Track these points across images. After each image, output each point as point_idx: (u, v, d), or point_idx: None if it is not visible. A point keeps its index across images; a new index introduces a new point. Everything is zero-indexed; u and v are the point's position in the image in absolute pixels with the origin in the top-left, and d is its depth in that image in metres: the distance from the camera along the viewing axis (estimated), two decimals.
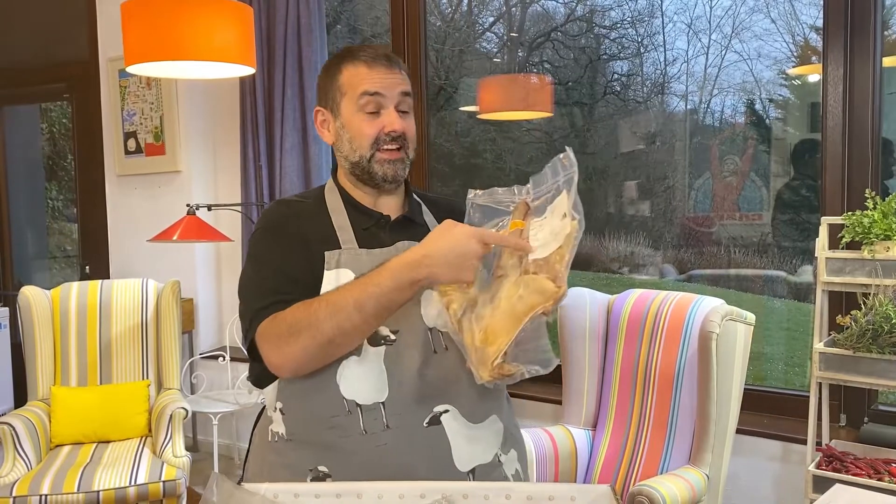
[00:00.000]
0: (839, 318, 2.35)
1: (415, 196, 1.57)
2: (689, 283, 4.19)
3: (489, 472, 1.40)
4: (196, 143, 4.09)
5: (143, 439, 3.20)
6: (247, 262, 1.49)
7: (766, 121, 4.02)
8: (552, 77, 4.51)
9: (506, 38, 5.03)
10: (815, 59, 3.63)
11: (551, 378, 2.78)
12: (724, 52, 4.00)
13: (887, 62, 2.62)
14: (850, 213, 2.34)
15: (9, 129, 4.96)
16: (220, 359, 3.78)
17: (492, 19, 5.09)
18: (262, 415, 1.51)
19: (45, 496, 2.73)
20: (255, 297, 1.41)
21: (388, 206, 1.50)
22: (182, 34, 2.47)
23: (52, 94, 4.89)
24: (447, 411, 1.37)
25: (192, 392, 4.00)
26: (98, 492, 2.78)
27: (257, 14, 3.68)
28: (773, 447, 2.72)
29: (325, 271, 1.39)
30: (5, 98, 4.87)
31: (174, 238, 3.24)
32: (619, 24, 4.46)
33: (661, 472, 2.39)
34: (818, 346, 2.34)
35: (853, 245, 2.33)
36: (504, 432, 1.45)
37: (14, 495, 2.73)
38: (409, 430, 1.35)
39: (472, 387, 1.35)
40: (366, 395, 1.35)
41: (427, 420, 1.35)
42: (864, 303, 2.28)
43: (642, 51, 4.40)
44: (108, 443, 3.17)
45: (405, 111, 1.45)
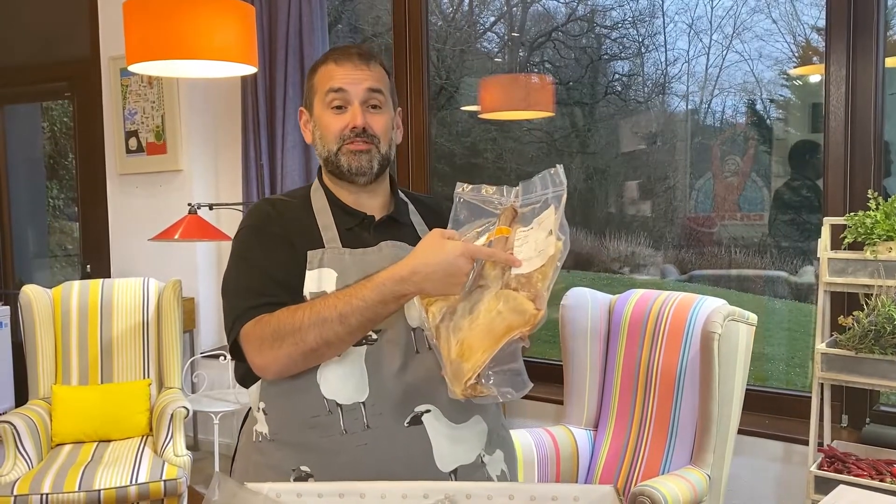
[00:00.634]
0: (841, 319, 2.35)
1: (402, 195, 1.57)
2: (690, 283, 4.18)
3: (471, 472, 1.39)
4: (197, 142, 4.09)
5: (144, 438, 3.19)
6: (231, 260, 1.48)
7: (767, 121, 4.02)
8: (553, 77, 4.51)
9: (507, 37, 5.03)
10: (816, 59, 3.63)
11: (553, 378, 2.80)
12: (725, 53, 4.00)
13: (890, 63, 2.62)
14: (852, 214, 2.34)
15: (10, 127, 4.96)
16: (221, 358, 3.78)
17: (493, 19, 5.09)
18: (248, 415, 1.51)
19: (46, 495, 2.73)
20: (239, 297, 1.41)
21: (373, 205, 1.50)
22: (184, 33, 2.46)
23: (53, 93, 4.89)
24: (429, 411, 1.36)
25: (193, 391, 3.99)
26: (99, 491, 2.78)
27: (259, 13, 3.68)
28: (774, 448, 2.72)
29: (308, 271, 1.39)
30: (6, 97, 4.87)
31: (175, 237, 3.24)
32: (620, 24, 4.46)
33: (663, 473, 2.39)
34: (820, 346, 2.34)
35: (855, 246, 2.33)
36: (489, 433, 1.44)
37: (15, 494, 2.73)
38: (389, 430, 1.35)
39: None
40: (346, 395, 1.35)
41: (408, 420, 1.35)
42: (867, 303, 2.28)
43: (643, 51, 4.40)
44: (109, 442, 3.17)
45: (375, 106, 1.45)
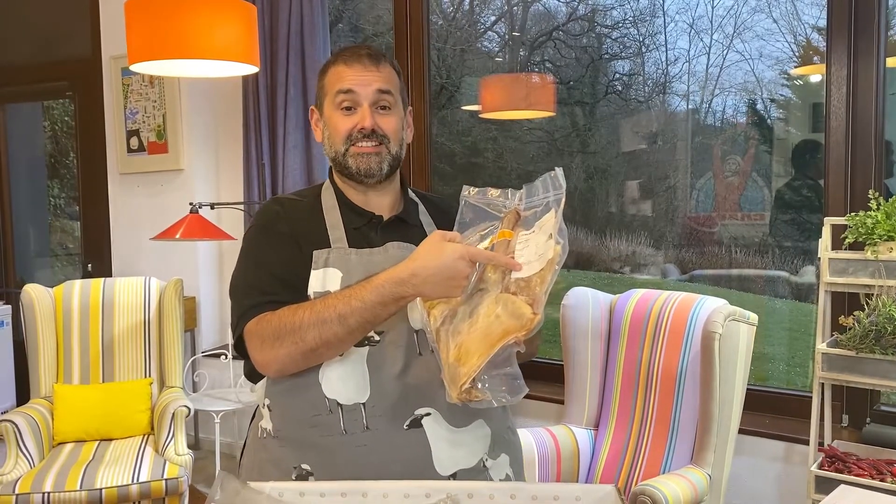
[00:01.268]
0: (842, 319, 2.35)
1: (412, 195, 1.57)
2: (690, 283, 4.19)
3: (472, 477, 1.39)
4: (199, 141, 4.09)
5: (146, 437, 3.20)
6: (239, 258, 1.50)
7: (768, 121, 4.02)
8: (554, 76, 4.51)
9: (507, 37, 5.03)
10: (816, 59, 3.63)
11: (554, 377, 2.80)
12: (725, 52, 4.00)
13: (891, 62, 2.62)
14: (853, 214, 2.35)
15: (11, 126, 4.97)
16: (223, 357, 3.78)
17: (493, 18, 5.09)
18: (256, 411, 1.52)
19: (48, 494, 2.74)
20: (244, 295, 1.43)
21: (382, 205, 1.50)
22: (185, 32, 2.47)
23: (54, 92, 4.89)
24: (429, 414, 1.36)
25: (195, 390, 4.00)
26: (100, 490, 2.79)
27: (260, 12, 3.68)
28: (775, 447, 2.72)
29: (313, 270, 1.39)
30: (8, 96, 4.87)
31: (177, 236, 3.24)
32: (620, 24, 4.46)
33: (664, 472, 2.39)
34: (821, 346, 2.34)
35: (856, 246, 2.34)
36: (492, 436, 1.44)
37: (17, 493, 2.73)
38: (388, 432, 1.35)
39: None
40: (347, 396, 1.36)
41: (408, 422, 1.35)
42: (867, 303, 2.28)
43: (644, 50, 4.40)
44: (110, 441, 3.17)
45: (384, 107, 1.46)
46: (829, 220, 2.44)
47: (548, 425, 2.67)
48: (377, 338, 1.36)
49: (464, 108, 4.90)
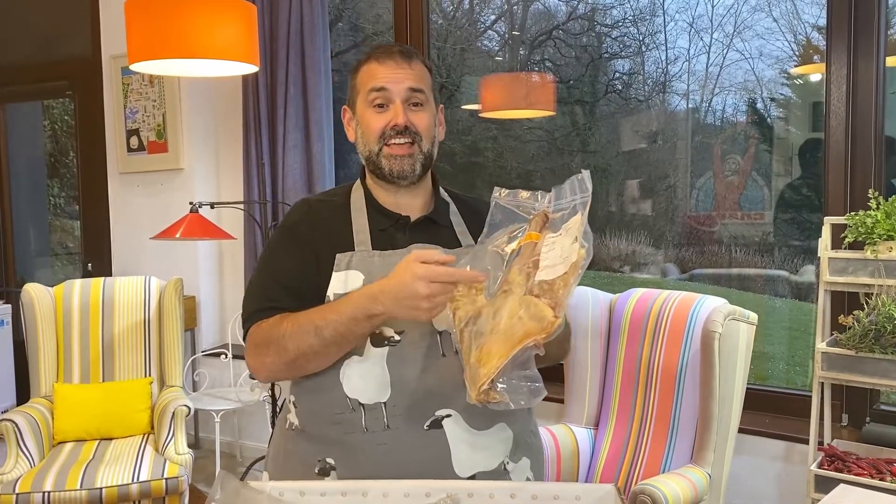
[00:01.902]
0: (841, 318, 2.35)
1: (444, 195, 1.55)
2: (690, 282, 4.19)
3: (492, 479, 1.38)
4: (199, 140, 4.09)
5: (146, 436, 3.20)
6: (259, 258, 1.54)
7: (768, 120, 4.02)
8: (554, 75, 4.50)
9: (507, 36, 5.03)
10: (816, 58, 3.63)
11: (554, 377, 2.79)
12: (725, 51, 4.00)
13: (891, 62, 2.62)
14: (853, 213, 2.35)
15: (11, 126, 4.97)
16: (223, 356, 3.78)
17: (493, 17, 5.09)
18: (284, 403, 1.55)
19: (48, 493, 2.74)
20: (252, 299, 1.45)
21: (412, 205, 1.49)
22: (185, 32, 2.47)
23: (54, 92, 4.89)
24: (449, 416, 1.36)
25: (195, 389, 4.00)
26: (101, 489, 2.79)
27: (260, 12, 3.68)
28: (775, 447, 2.72)
29: (335, 272, 1.40)
30: (8, 95, 4.87)
31: (177, 236, 3.24)
32: (620, 23, 4.46)
33: (663, 471, 2.39)
34: (820, 346, 2.35)
35: (856, 245, 2.34)
36: (514, 440, 1.43)
37: (17, 492, 2.74)
38: (408, 431, 1.35)
39: None
40: (368, 395, 1.36)
41: (428, 423, 1.36)
42: (867, 303, 2.28)
43: (644, 49, 4.40)
44: (110, 440, 3.17)
45: (417, 104, 1.45)
46: (828, 220, 2.44)
47: (547, 424, 2.67)
48: (397, 338, 1.36)
49: (464, 107, 4.90)
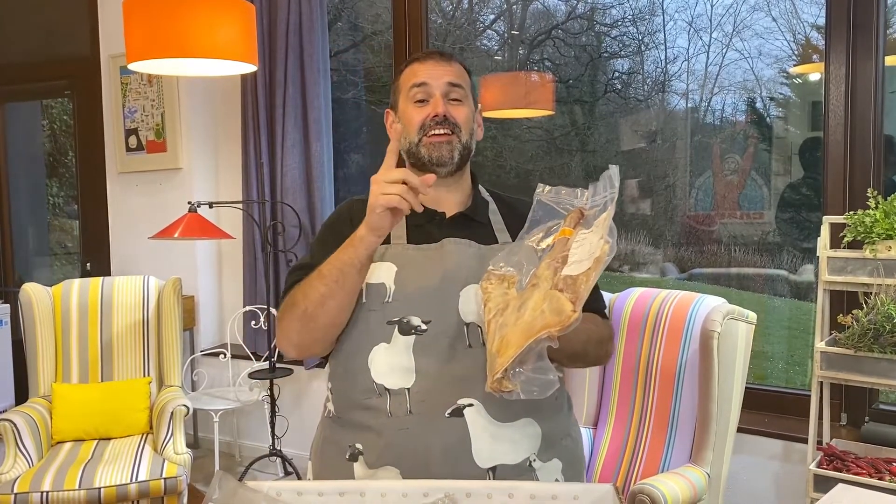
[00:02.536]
0: (840, 318, 2.35)
1: (484, 194, 1.60)
2: (689, 281, 4.18)
3: (516, 475, 1.40)
4: (197, 140, 4.09)
5: (145, 436, 3.20)
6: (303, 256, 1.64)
7: (767, 119, 4.02)
8: (553, 75, 4.50)
9: (507, 35, 5.03)
10: (816, 57, 3.63)
11: None
12: (724, 51, 3.99)
13: (889, 61, 2.62)
14: (851, 213, 2.35)
15: (10, 125, 4.96)
16: (221, 356, 3.78)
17: (493, 17, 5.09)
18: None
19: (47, 493, 2.74)
20: (287, 286, 1.53)
21: (449, 201, 1.54)
22: (184, 31, 2.47)
23: (53, 91, 4.89)
24: (472, 405, 1.38)
25: (193, 389, 4.00)
26: (99, 489, 2.79)
27: (259, 11, 3.68)
28: (774, 446, 2.72)
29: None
30: (7, 94, 4.87)
31: (175, 235, 3.24)
32: (619, 22, 4.45)
33: (662, 471, 2.39)
34: (819, 345, 2.35)
35: (855, 244, 2.34)
36: (544, 437, 1.44)
37: (15, 492, 2.73)
38: (430, 417, 1.38)
39: None
40: (393, 380, 1.40)
41: (450, 411, 1.38)
42: (866, 302, 2.28)
43: (643, 49, 4.40)
44: (109, 440, 3.17)
45: (456, 99, 1.51)
46: (827, 219, 2.44)
47: None
48: (423, 327, 1.40)
49: None
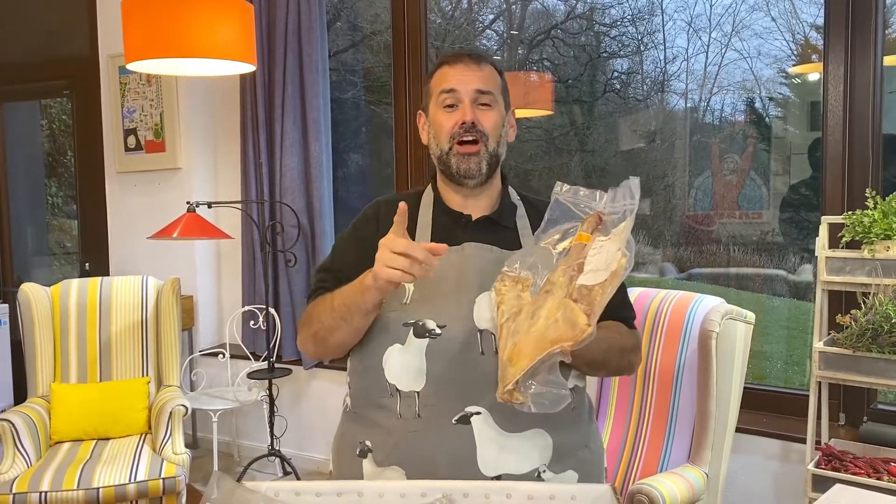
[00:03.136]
0: (839, 318, 2.35)
1: (513, 198, 1.60)
2: (688, 281, 4.18)
3: None
4: (196, 140, 4.09)
5: (143, 436, 3.20)
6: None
7: (766, 119, 4.02)
8: (552, 75, 4.50)
9: (506, 35, 5.02)
10: (815, 57, 3.63)
11: None
12: (724, 51, 3.99)
13: (888, 61, 2.62)
14: (850, 213, 2.35)
15: (9, 125, 4.96)
16: (220, 356, 3.78)
17: (492, 17, 5.08)
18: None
19: (45, 493, 2.73)
20: (312, 285, 1.59)
21: (477, 205, 1.55)
22: (182, 31, 2.47)
23: (52, 91, 4.88)
24: (479, 413, 1.38)
25: (192, 389, 4.00)
26: (98, 489, 2.78)
27: (258, 11, 3.68)
28: (772, 446, 2.72)
29: None
30: (6, 94, 4.87)
31: (174, 235, 3.24)
32: (619, 22, 4.45)
33: (661, 471, 2.39)
34: (818, 345, 2.35)
35: (853, 244, 2.34)
36: (556, 448, 1.43)
37: (14, 492, 2.73)
38: (437, 422, 1.39)
39: None
40: (405, 383, 1.42)
41: (456, 418, 1.38)
42: (864, 302, 2.28)
43: (642, 49, 4.39)
44: (107, 440, 3.17)
45: (485, 104, 1.51)
46: (826, 219, 2.44)
47: None
48: (438, 331, 1.41)
49: None
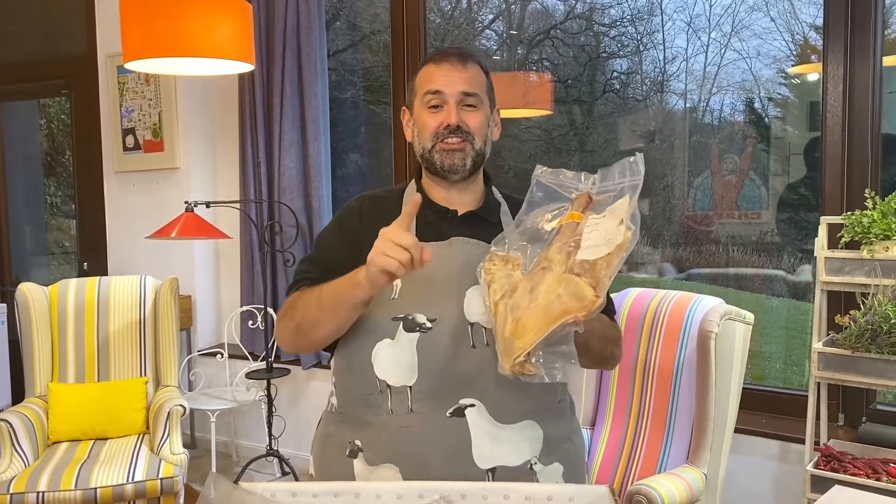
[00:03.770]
0: (838, 318, 2.34)
1: (497, 195, 1.60)
2: (688, 281, 4.18)
3: (516, 477, 1.39)
4: (195, 139, 4.08)
5: (141, 436, 3.19)
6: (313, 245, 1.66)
7: (766, 119, 4.02)
8: (552, 75, 4.50)
9: (505, 35, 5.02)
10: (814, 57, 3.62)
11: None
12: (723, 51, 3.99)
13: (887, 61, 2.62)
14: (849, 213, 2.34)
15: (7, 124, 4.95)
16: (219, 356, 3.78)
17: (491, 17, 5.08)
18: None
19: (43, 493, 2.73)
20: (294, 276, 1.57)
21: (462, 201, 1.55)
22: (181, 31, 2.46)
23: (50, 90, 4.88)
24: (473, 405, 1.38)
25: (190, 389, 3.99)
26: (95, 489, 2.78)
27: (256, 10, 3.68)
28: (771, 446, 2.72)
29: None
30: (4, 93, 4.86)
31: (172, 235, 3.23)
32: (618, 22, 4.45)
33: (659, 472, 2.39)
34: (817, 345, 2.34)
35: (852, 245, 2.33)
36: (546, 441, 1.44)
37: (11, 492, 2.73)
38: (431, 416, 1.38)
39: (506, 387, 1.37)
40: (396, 378, 1.41)
41: (451, 410, 1.38)
42: (863, 303, 2.28)
43: (642, 49, 4.39)
44: (105, 440, 3.17)
45: (470, 105, 1.51)
46: (825, 220, 2.43)
47: None
48: (428, 325, 1.40)
49: None
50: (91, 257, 4.46)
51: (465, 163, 1.50)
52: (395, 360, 1.41)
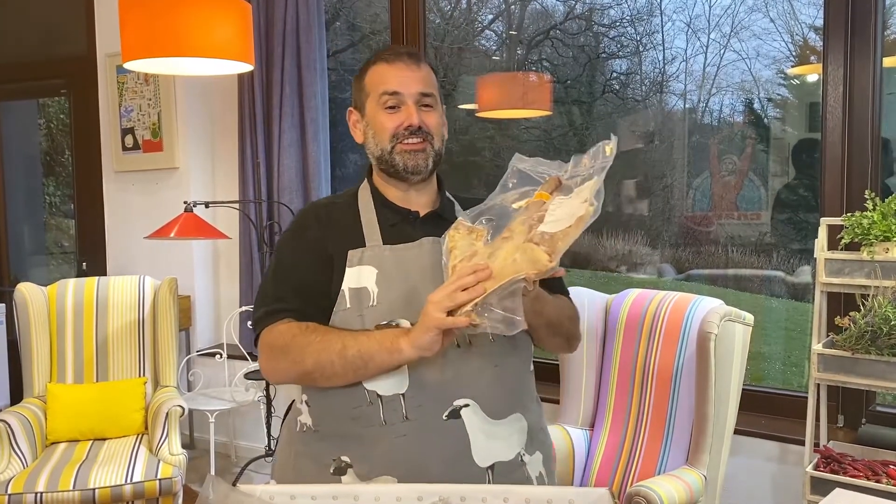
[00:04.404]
0: (838, 320, 2.34)
1: (448, 195, 1.60)
2: (687, 282, 4.18)
3: (511, 470, 1.41)
4: (194, 139, 4.08)
5: (140, 437, 3.19)
6: (270, 263, 1.59)
7: (765, 120, 4.02)
8: (551, 75, 4.50)
9: (505, 35, 5.02)
10: (813, 58, 3.63)
11: (549, 377, 2.79)
12: (722, 52, 3.99)
13: (887, 62, 2.62)
14: (849, 214, 2.34)
15: (6, 124, 4.95)
16: (218, 356, 3.77)
17: (491, 17, 5.08)
18: (291, 406, 1.56)
19: (41, 494, 2.72)
20: (263, 300, 1.49)
21: (419, 202, 1.54)
22: (180, 30, 2.46)
23: (49, 90, 4.87)
24: (468, 405, 1.38)
25: (189, 389, 3.99)
26: (94, 489, 2.77)
27: (256, 10, 3.67)
28: (770, 448, 2.71)
29: (348, 268, 1.43)
30: (3, 93, 4.85)
31: (171, 235, 3.23)
32: (618, 23, 4.45)
33: (659, 473, 2.38)
34: (817, 347, 2.34)
35: (852, 246, 2.33)
36: (529, 432, 1.46)
37: (9, 493, 2.72)
38: (427, 422, 1.37)
39: (494, 383, 1.39)
40: (386, 387, 1.38)
41: (447, 413, 1.37)
42: (863, 304, 2.28)
43: (641, 49, 4.39)
44: (104, 440, 3.16)
45: (427, 105, 1.50)
46: (825, 221, 2.43)
47: None
48: None
49: (461, 106, 4.89)
50: (90, 257, 4.46)
51: (427, 163, 1.49)
52: None
